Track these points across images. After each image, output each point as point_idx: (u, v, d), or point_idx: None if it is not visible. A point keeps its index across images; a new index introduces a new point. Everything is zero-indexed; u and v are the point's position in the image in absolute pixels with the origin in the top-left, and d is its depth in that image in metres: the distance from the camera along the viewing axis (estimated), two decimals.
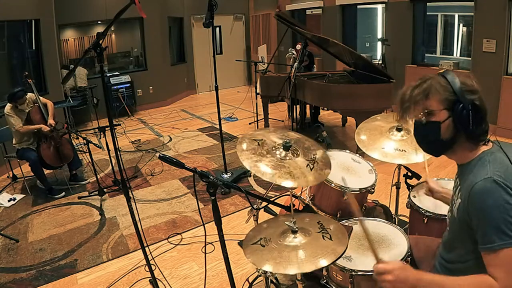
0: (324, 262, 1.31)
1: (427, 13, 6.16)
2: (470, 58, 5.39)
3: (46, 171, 4.00)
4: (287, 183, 1.46)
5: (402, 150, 2.02)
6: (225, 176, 4.13)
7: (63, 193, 3.95)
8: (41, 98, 4.02)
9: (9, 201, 3.85)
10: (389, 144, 2.07)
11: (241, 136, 1.67)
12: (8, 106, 3.75)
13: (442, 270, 1.34)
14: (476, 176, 1.11)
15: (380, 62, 6.32)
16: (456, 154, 1.23)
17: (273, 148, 1.62)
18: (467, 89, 1.14)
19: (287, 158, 1.59)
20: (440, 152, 1.25)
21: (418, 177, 2.18)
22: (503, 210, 1.03)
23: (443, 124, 1.17)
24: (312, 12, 8.43)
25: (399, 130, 2.10)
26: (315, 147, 1.74)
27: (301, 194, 2.21)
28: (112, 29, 7.38)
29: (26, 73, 4.05)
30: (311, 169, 1.57)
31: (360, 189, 2.01)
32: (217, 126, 4.31)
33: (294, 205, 1.59)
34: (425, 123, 1.19)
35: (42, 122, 3.87)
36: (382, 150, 2.04)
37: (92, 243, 3.06)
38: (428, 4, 5.97)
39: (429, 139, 1.22)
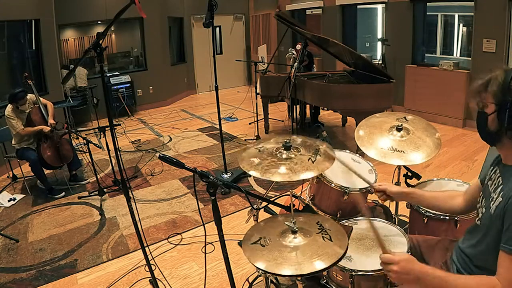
0: (324, 264, 1.31)
1: (427, 13, 6.16)
2: (470, 58, 5.39)
3: (46, 171, 4.00)
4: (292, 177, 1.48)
5: (401, 150, 2.01)
6: (225, 176, 4.13)
7: (63, 193, 3.95)
8: (41, 99, 4.02)
9: (9, 201, 3.85)
10: (387, 143, 2.06)
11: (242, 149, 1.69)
12: (9, 107, 3.75)
13: (460, 262, 1.36)
14: None
15: (380, 62, 6.31)
16: (503, 150, 1.26)
17: (275, 151, 1.63)
18: None
19: (291, 156, 1.59)
20: (488, 141, 1.29)
21: (418, 177, 2.18)
22: None
23: (490, 116, 1.21)
24: (312, 12, 8.43)
25: (399, 130, 2.09)
26: (317, 143, 1.74)
27: (301, 194, 2.21)
28: (112, 29, 7.38)
29: (26, 74, 4.05)
30: (313, 162, 1.57)
31: (360, 189, 2.01)
32: (217, 126, 4.31)
33: (294, 205, 1.59)
34: (479, 112, 1.26)
35: (42, 123, 3.87)
36: (381, 150, 2.03)
37: (92, 243, 3.06)
38: (428, 4, 5.97)
39: (479, 127, 1.29)
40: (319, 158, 1.60)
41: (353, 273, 1.53)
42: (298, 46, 4.99)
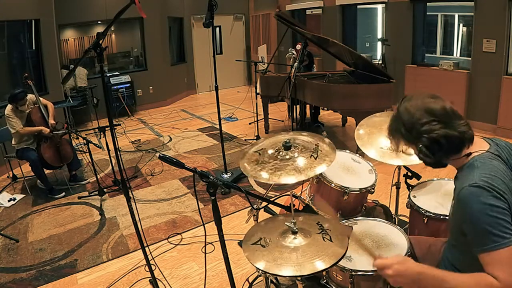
0: (325, 264, 1.31)
1: (427, 13, 6.15)
2: (470, 58, 5.39)
3: (46, 171, 3.99)
4: (294, 179, 1.50)
5: (399, 150, 2.01)
6: (225, 176, 4.13)
7: (63, 193, 3.95)
8: (41, 99, 4.02)
9: (9, 201, 3.85)
10: (387, 143, 2.06)
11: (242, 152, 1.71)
12: (9, 107, 3.75)
13: (445, 265, 1.36)
14: (463, 181, 1.15)
15: (380, 62, 6.31)
16: (451, 163, 1.29)
17: (275, 153, 1.63)
18: (420, 122, 1.19)
19: (291, 156, 1.59)
20: (437, 167, 1.30)
21: (418, 177, 2.18)
22: (490, 213, 1.06)
23: (419, 155, 1.25)
24: (312, 12, 8.43)
25: None
26: (315, 139, 1.74)
27: (301, 194, 2.21)
28: (112, 29, 7.37)
29: (26, 74, 4.05)
30: (315, 159, 1.57)
31: (360, 189, 2.01)
32: (217, 126, 4.31)
33: (294, 205, 1.59)
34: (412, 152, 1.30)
35: (42, 123, 3.88)
36: (381, 150, 2.03)
37: (92, 243, 3.06)
38: (428, 4, 5.97)
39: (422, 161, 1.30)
40: (321, 154, 1.60)
41: (353, 273, 1.54)
42: (298, 46, 4.99)
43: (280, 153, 1.62)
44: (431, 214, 1.86)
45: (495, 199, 1.07)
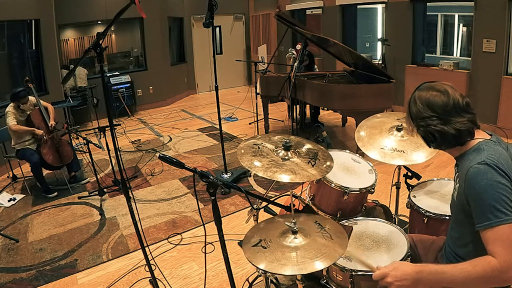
0: (328, 261, 1.31)
1: (427, 13, 6.15)
2: (470, 58, 5.39)
3: (45, 172, 3.99)
4: (289, 178, 1.52)
5: (401, 150, 2.01)
6: (225, 176, 4.13)
7: (56, 193, 3.94)
8: (41, 101, 4.04)
9: (9, 201, 3.85)
10: (388, 143, 2.07)
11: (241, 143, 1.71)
12: (10, 106, 3.78)
13: (448, 257, 1.39)
14: (471, 161, 1.21)
15: (380, 62, 6.31)
16: (449, 152, 1.35)
17: (274, 150, 1.64)
18: (420, 116, 1.29)
19: (288, 157, 1.60)
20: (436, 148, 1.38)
21: (418, 177, 2.18)
22: (496, 189, 1.11)
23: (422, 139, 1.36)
24: (312, 12, 8.43)
25: (399, 130, 2.09)
26: (315, 146, 1.75)
27: (301, 194, 2.21)
28: (112, 29, 7.37)
29: (27, 78, 4.05)
30: (312, 166, 1.58)
31: (360, 189, 2.01)
32: (217, 126, 4.31)
33: (294, 205, 1.59)
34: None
35: (42, 125, 3.90)
36: (381, 150, 2.04)
37: (92, 243, 3.06)
38: (428, 4, 5.97)
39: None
40: (318, 162, 1.61)
41: (353, 273, 1.53)
42: (298, 46, 4.99)
43: (279, 152, 1.62)
44: (431, 214, 1.86)
45: (501, 177, 1.12)
